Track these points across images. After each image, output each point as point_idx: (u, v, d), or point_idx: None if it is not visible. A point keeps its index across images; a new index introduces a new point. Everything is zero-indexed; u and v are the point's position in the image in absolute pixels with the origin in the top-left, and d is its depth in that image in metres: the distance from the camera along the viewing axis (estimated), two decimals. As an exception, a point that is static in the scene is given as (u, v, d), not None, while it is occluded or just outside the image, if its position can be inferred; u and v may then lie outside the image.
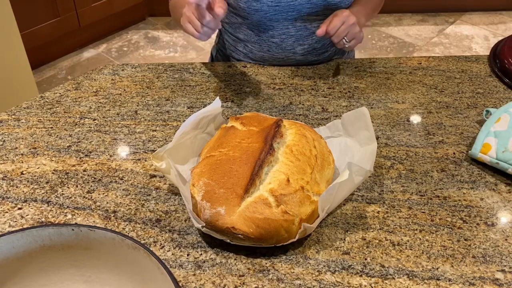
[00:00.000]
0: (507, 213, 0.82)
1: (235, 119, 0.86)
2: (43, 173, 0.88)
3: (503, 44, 1.20)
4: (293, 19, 1.08)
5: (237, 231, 0.71)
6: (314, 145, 0.81)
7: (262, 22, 1.09)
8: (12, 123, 0.98)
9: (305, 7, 1.06)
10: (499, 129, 0.91)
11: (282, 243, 0.73)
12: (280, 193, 0.73)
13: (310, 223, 0.74)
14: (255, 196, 0.73)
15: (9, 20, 1.75)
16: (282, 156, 0.77)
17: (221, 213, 0.72)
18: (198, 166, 0.78)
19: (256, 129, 0.82)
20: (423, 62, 1.19)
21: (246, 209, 0.72)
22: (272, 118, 0.87)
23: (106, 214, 0.81)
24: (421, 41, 2.88)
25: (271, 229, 0.71)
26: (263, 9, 1.06)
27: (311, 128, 0.87)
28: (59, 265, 0.64)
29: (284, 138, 0.81)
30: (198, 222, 0.74)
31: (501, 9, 3.15)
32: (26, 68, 1.90)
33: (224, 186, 0.74)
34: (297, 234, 0.73)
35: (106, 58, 2.72)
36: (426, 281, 0.71)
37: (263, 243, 0.73)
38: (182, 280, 0.71)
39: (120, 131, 0.97)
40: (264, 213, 0.71)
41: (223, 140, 0.81)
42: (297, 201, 0.73)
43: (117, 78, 1.12)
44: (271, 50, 1.13)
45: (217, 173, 0.75)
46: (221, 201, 0.72)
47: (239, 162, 0.76)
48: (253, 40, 1.14)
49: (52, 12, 2.46)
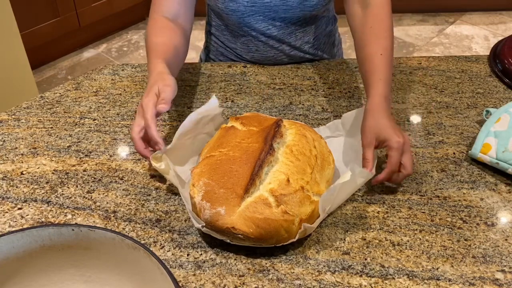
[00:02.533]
0: (507, 213, 0.82)
1: (235, 119, 0.86)
2: (43, 173, 0.88)
3: (503, 44, 1.20)
4: (271, 18, 1.08)
5: (237, 231, 0.71)
6: (314, 145, 0.81)
7: (242, 23, 1.09)
8: (12, 123, 0.98)
9: (281, 8, 1.06)
10: (499, 129, 0.91)
11: (282, 243, 0.73)
12: (280, 193, 0.73)
13: (310, 223, 0.74)
14: (255, 196, 0.73)
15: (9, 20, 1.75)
16: (282, 156, 0.77)
17: (221, 213, 0.72)
18: (198, 166, 0.78)
19: (256, 129, 0.82)
20: (423, 62, 1.19)
21: (246, 209, 0.72)
22: (272, 118, 0.87)
23: (106, 214, 0.81)
24: (421, 41, 2.88)
25: (271, 229, 0.71)
26: (239, 9, 1.06)
27: (311, 128, 0.87)
28: (59, 265, 0.64)
29: (284, 138, 0.81)
30: (198, 222, 0.74)
31: (501, 9, 3.15)
32: (26, 68, 1.90)
33: (224, 186, 0.74)
34: (297, 234, 0.73)
35: (106, 58, 2.72)
36: (426, 281, 0.71)
37: (263, 243, 0.73)
38: (182, 280, 0.71)
39: (120, 131, 0.97)
40: (264, 213, 0.71)
41: (223, 140, 0.81)
42: (297, 201, 0.73)
43: (117, 78, 1.12)
44: (259, 49, 1.13)
45: (217, 173, 0.75)
46: (221, 201, 0.72)
47: (239, 162, 0.76)
48: (241, 41, 1.14)
49: (52, 12, 2.46)
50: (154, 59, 0.89)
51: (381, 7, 0.96)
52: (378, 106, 0.85)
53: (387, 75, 0.89)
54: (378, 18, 0.96)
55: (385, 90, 0.87)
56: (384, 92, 0.87)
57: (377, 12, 0.96)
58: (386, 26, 0.95)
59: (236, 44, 1.15)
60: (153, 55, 0.91)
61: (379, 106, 0.85)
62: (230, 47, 1.18)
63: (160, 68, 0.86)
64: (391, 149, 0.81)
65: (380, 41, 0.93)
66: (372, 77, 0.89)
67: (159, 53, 0.91)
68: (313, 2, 1.06)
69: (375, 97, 0.87)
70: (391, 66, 0.91)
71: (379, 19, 0.96)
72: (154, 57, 0.90)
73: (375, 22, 0.95)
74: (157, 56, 0.90)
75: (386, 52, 0.91)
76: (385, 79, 0.88)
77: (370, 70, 0.90)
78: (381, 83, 0.88)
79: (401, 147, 0.80)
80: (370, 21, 0.96)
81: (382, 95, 0.87)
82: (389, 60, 0.91)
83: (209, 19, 1.20)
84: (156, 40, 0.94)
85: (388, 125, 0.83)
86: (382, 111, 0.85)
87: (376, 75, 0.89)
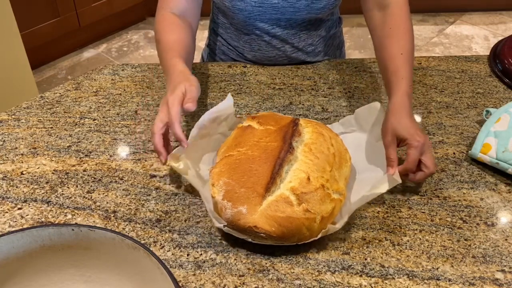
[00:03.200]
0: (507, 213, 0.82)
1: (251, 118, 0.86)
2: (43, 173, 0.88)
3: (503, 44, 1.20)
4: (277, 19, 1.08)
5: (259, 230, 0.71)
6: (331, 143, 0.82)
7: (248, 22, 1.09)
8: (12, 123, 0.98)
9: (288, 10, 1.07)
10: (499, 129, 0.91)
11: (304, 241, 0.74)
12: (301, 191, 0.73)
13: (331, 221, 0.75)
14: (276, 195, 0.73)
15: (9, 20, 1.75)
16: (301, 154, 0.78)
17: (242, 212, 0.72)
18: (217, 166, 0.78)
19: (274, 128, 0.83)
20: (423, 62, 1.19)
21: (267, 208, 0.72)
22: (288, 117, 0.87)
23: (106, 214, 0.81)
24: (421, 41, 2.88)
25: (293, 227, 0.71)
26: (247, 9, 1.06)
27: (327, 126, 0.88)
28: (59, 265, 0.64)
29: (302, 136, 0.81)
30: (219, 221, 0.74)
31: (501, 9, 3.15)
32: (26, 68, 1.89)
33: (244, 185, 0.74)
34: (320, 233, 0.73)
35: (106, 58, 2.72)
36: (426, 281, 0.71)
37: (285, 242, 0.73)
38: (182, 280, 0.71)
39: (120, 131, 0.97)
40: (286, 211, 0.72)
41: (240, 140, 0.82)
42: (318, 199, 0.73)
43: (117, 78, 1.12)
44: (261, 49, 1.14)
45: (237, 172, 0.76)
46: (242, 200, 0.73)
47: (258, 161, 0.76)
48: (244, 39, 1.14)
49: (52, 12, 2.46)
50: (172, 58, 0.90)
51: (400, 8, 0.97)
52: (400, 105, 0.86)
53: (409, 74, 0.90)
54: (397, 19, 0.97)
55: (407, 88, 0.88)
56: (406, 90, 0.88)
57: (396, 13, 0.97)
58: (406, 27, 0.96)
59: (238, 42, 1.16)
60: (171, 53, 0.91)
61: (401, 105, 0.86)
62: (232, 45, 1.18)
63: (182, 67, 0.87)
64: (410, 147, 0.82)
65: (400, 42, 0.94)
66: (394, 76, 0.90)
67: (176, 51, 0.92)
68: (320, 5, 1.06)
69: (398, 95, 0.87)
70: (412, 66, 0.92)
71: (399, 20, 0.97)
72: (172, 55, 0.91)
73: (394, 23, 0.96)
74: (175, 55, 0.90)
75: (406, 52, 0.92)
76: (407, 77, 0.89)
77: (392, 70, 0.91)
78: (404, 81, 0.89)
79: (421, 146, 0.81)
80: (389, 22, 0.97)
81: (405, 93, 0.87)
82: (411, 60, 0.92)
83: (213, 17, 1.20)
84: (169, 37, 0.95)
85: (409, 125, 0.83)
86: (404, 111, 0.85)
87: (398, 74, 0.90)
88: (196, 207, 0.82)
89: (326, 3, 1.07)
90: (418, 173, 0.83)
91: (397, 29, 0.96)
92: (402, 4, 0.97)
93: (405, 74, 0.89)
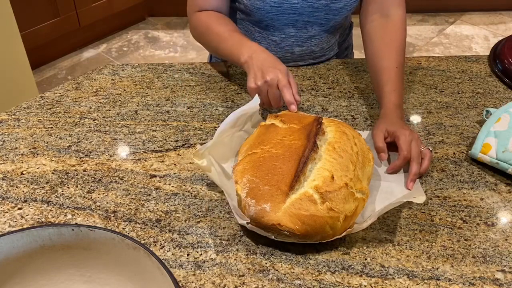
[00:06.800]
0: (507, 213, 0.82)
1: (274, 117, 0.87)
2: (43, 173, 0.88)
3: (503, 44, 1.20)
4: (294, 20, 1.08)
5: (282, 227, 0.71)
6: (354, 142, 0.82)
7: (263, 20, 1.09)
8: (12, 123, 0.98)
9: (307, 10, 1.06)
10: (499, 129, 0.91)
11: (327, 239, 0.74)
12: (325, 190, 0.73)
13: (354, 220, 0.75)
14: (300, 193, 0.73)
15: (9, 20, 1.75)
16: (325, 153, 0.78)
17: (266, 210, 0.72)
18: (240, 164, 0.79)
19: (297, 127, 0.83)
20: (423, 62, 1.19)
21: (291, 206, 0.72)
22: (310, 116, 0.87)
23: (106, 214, 0.81)
24: (421, 41, 2.88)
25: (316, 225, 0.71)
26: (265, 8, 1.06)
27: (349, 125, 0.88)
28: (59, 265, 0.64)
29: (325, 135, 0.81)
30: (242, 218, 0.75)
31: (501, 9, 3.15)
32: (26, 68, 1.89)
33: (268, 183, 0.74)
34: (344, 232, 0.74)
35: (106, 58, 2.72)
36: (426, 281, 0.71)
37: (308, 240, 0.74)
38: (182, 280, 0.71)
39: (120, 131, 0.97)
40: (309, 209, 0.72)
41: (263, 138, 0.82)
42: (342, 198, 0.73)
43: (117, 78, 1.12)
44: (269, 48, 1.13)
45: (260, 170, 0.76)
46: (266, 198, 0.73)
47: (282, 159, 0.76)
48: (253, 36, 1.14)
49: (52, 12, 2.46)
50: (247, 40, 0.98)
51: (401, 21, 1.03)
52: (391, 112, 0.92)
53: (401, 87, 0.96)
54: (398, 32, 1.03)
55: (398, 100, 0.94)
56: (397, 101, 0.93)
57: (398, 26, 1.03)
58: (404, 42, 1.03)
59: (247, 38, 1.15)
60: (235, 34, 1.00)
61: (392, 112, 0.92)
62: None
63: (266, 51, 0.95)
64: (399, 138, 0.86)
65: (398, 56, 1.00)
66: (386, 88, 0.95)
67: (239, 32, 1.01)
68: (339, 5, 1.06)
69: (389, 105, 0.93)
70: (403, 80, 0.99)
71: (399, 34, 1.03)
72: (245, 38, 0.99)
73: (395, 36, 1.02)
74: (246, 39, 0.99)
75: (400, 65, 0.98)
76: (399, 90, 0.95)
77: (384, 81, 0.96)
78: (395, 93, 0.94)
79: (409, 137, 0.86)
80: (390, 33, 1.02)
81: (396, 104, 0.93)
82: (402, 74, 0.99)
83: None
84: (221, 28, 1.03)
85: (400, 124, 0.89)
86: (395, 116, 0.91)
87: (389, 86, 0.95)
88: (196, 207, 0.82)
89: (344, 4, 1.07)
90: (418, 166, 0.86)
91: (396, 42, 1.01)
92: (403, 18, 1.03)
93: (396, 87, 0.95)
